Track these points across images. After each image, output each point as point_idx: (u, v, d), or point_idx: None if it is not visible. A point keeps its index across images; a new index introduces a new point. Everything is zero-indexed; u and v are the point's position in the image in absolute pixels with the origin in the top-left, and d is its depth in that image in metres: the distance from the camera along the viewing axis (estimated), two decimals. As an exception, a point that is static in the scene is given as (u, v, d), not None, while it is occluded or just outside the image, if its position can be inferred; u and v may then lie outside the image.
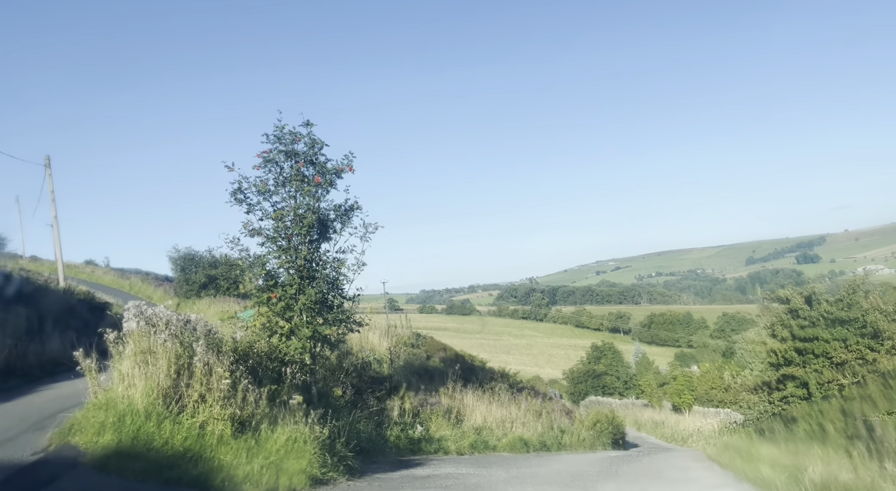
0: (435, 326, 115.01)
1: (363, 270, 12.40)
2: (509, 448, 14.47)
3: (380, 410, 12.80)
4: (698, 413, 38.23)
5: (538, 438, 15.96)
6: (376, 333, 22.33)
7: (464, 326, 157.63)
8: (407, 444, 12.19)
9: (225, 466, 6.87)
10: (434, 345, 24.19)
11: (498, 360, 59.25)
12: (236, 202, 11.86)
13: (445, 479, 8.67)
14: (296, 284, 11.52)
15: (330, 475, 7.59)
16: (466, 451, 13.32)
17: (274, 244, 11.80)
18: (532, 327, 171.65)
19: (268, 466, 7.07)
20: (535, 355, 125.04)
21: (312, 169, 11.99)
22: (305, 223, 11.60)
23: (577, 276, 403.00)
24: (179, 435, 7.13)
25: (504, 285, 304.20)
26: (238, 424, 7.52)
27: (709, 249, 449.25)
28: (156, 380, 7.54)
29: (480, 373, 21.73)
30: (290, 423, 7.83)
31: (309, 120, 11.88)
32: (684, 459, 12.39)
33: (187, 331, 8.63)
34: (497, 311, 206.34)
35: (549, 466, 11.32)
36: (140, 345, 7.83)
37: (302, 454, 7.45)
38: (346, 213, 12.35)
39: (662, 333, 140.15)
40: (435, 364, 20.27)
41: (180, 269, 39.71)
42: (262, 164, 11.82)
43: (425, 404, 15.05)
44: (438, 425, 14.06)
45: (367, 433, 10.91)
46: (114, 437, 7.00)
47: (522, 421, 16.49)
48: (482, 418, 15.70)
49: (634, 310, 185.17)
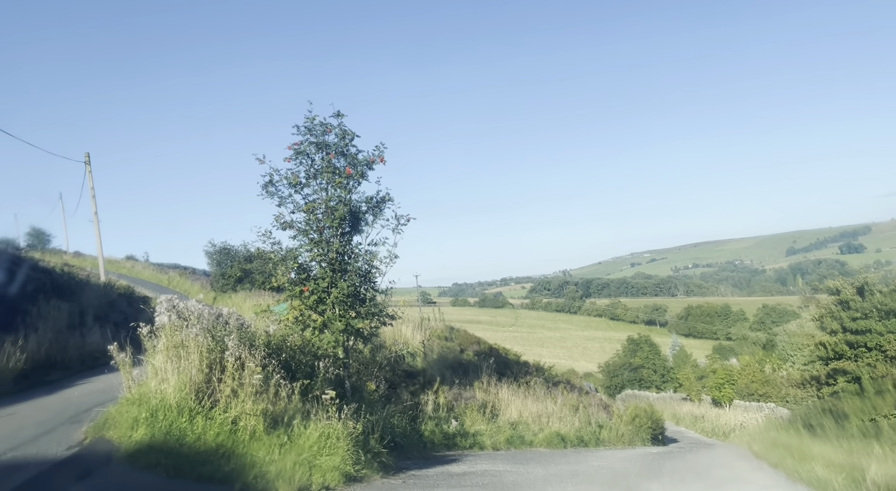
0: (467, 319, 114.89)
1: (395, 263, 12.23)
2: (546, 444, 14.16)
3: (414, 404, 12.62)
4: (739, 407, 37.22)
5: (575, 433, 15.60)
6: (409, 327, 22.20)
7: (496, 319, 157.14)
8: (441, 439, 11.99)
9: (257, 463, 6.74)
10: (468, 338, 23.95)
11: (531, 353, 58.81)
12: (268, 195, 11.77)
13: (482, 476, 8.42)
14: (328, 278, 11.39)
15: (364, 472, 7.41)
16: (502, 446, 13.06)
17: (306, 237, 11.68)
18: (566, 320, 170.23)
19: (300, 462, 6.92)
20: (570, 348, 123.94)
21: (343, 160, 11.83)
22: (337, 215, 11.44)
23: (611, 268, 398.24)
24: (212, 430, 7.03)
25: (537, 278, 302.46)
26: (270, 419, 7.39)
27: (747, 240, 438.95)
28: (188, 375, 7.45)
29: (515, 367, 21.42)
30: (322, 418, 7.67)
31: (339, 111, 11.71)
32: (729, 456, 11.93)
33: (219, 325, 8.54)
34: (530, 303, 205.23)
35: (589, 463, 10.98)
36: (172, 339, 7.76)
37: (335, 451, 7.28)
38: (377, 205, 12.16)
39: (700, 325, 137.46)
40: (469, 357, 20.03)
41: (216, 263, 40.27)
42: (293, 156, 11.70)
43: (460, 399, 14.82)
44: (473, 420, 13.83)
45: (401, 428, 10.73)
46: (147, 432, 6.93)
47: (559, 416, 16.14)
48: (518, 413, 15.41)
49: (670, 302, 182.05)
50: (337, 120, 11.74)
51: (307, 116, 11.62)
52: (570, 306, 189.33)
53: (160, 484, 6.16)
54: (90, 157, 30.45)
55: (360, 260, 11.90)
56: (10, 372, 11.95)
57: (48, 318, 16.56)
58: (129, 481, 6.14)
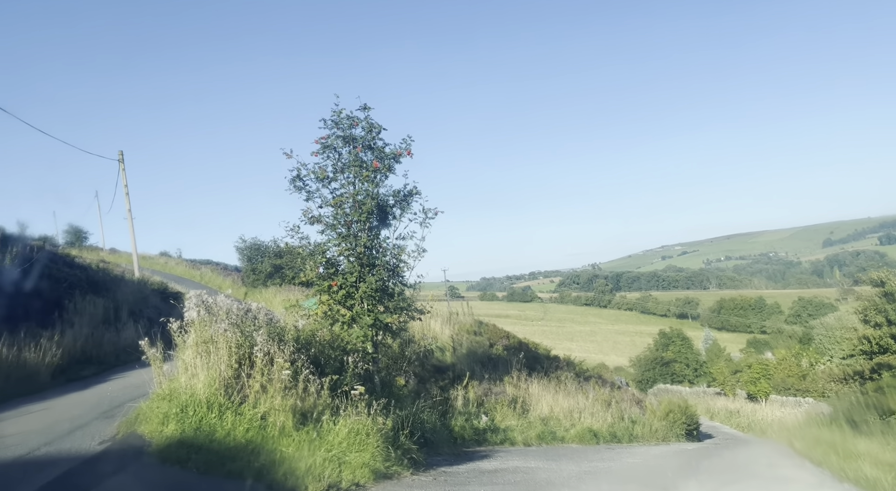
0: (496, 313, 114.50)
1: (423, 257, 12.13)
2: (578, 439, 13.94)
3: (443, 399, 12.52)
4: (776, 402, 36.38)
5: (608, 428, 15.34)
6: (438, 321, 22.11)
7: (525, 313, 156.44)
8: (472, 434, 11.87)
9: (286, 459, 6.68)
10: (497, 332, 23.77)
11: (561, 347, 58.32)
12: (295, 190, 11.76)
13: (514, 473, 8.26)
14: (356, 272, 11.33)
15: (394, 469, 7.32)
16: (533, 442, 12.89)
17: (333, 231, 11.65)
18: (595, 314, 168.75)
19: (330, 459, 6.84)
20: (600, 342, 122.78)
21: (370, 154, 11.74)
22: (364, 210, 11.37)
23: (641, 261, 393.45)
24: (241, 426, 6.99)
25: (566, 272, 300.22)
26: (299, 415, 7.34)
27: (782, 232, 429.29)
28: (217, 370, 7.44)
29: (545, 361, 21.20)
30: (351, 414, 7.59)
31: (366, 103, 11.63)
32: (769, 453, 11.56)
33: (248, 320, 8.51)
34: (559, 297, 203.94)
35: (622, 459, 10.75)
36: (201, 335, 7.74)
37: (365, 447, 7.20)
38: (405, 199, 12.06)
39: (733, 318, 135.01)
40: (498, 352, 19.87)
41: (247, 259, 40.75)
42: (321, 151, 11.66)
43: (489, 394, 14.68)
44: (504, 415, 13.68)
45: (430, 424, 10.62)
46: (177, 428, 6.93)
47: (591, 411, 15.89)
48: (549, 408, 15.22)
49: (703, 295, 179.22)
50: (364, 113, 11.67)
51: (334, 110, 11.57)
52: (600, 300, 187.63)
53: (190, 480, 6.14)
54: (123, 155, 30.90)
55: (387, 254, 11.83)
56: (46, 367, 12.15)
57: (84, 313, 16.85)
58: (160, 477, 6.13)
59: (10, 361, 11.31)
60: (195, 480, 6.13)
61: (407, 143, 11.91)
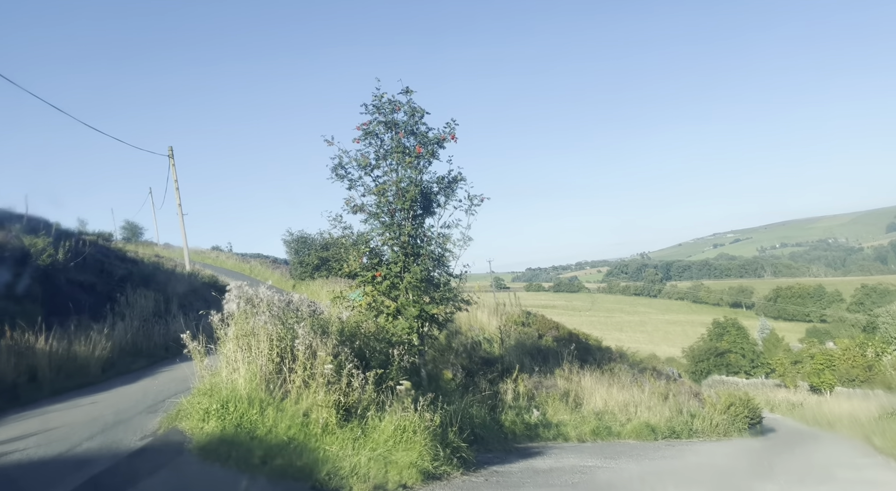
0: (542, 304, 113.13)
1: (469, 246, 11.65)
2: (635, 435, 13.29)
3: (492, 393, 12.05)
4: (841, 394, 34.62)
5: (666, 423, 14.63)
6: (485, 312, 21.63)
7: (572, 304, 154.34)
8: (523, 429, 11.39)
9: (330, 458, 6.34)
10: (545, 323, 23.15)
11: (610, 337, 57.01)
12: (337, 178, 11.44)
13: (570, 473, 7.75)
14: (400, 262, 10.96)
15: (443, 469, 6.89)
16: (588, 437, 12.32)
17: (377, 220, 11.29)
18: (645, 304, 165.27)
19: (375, 458, 6.47)
20: (650, 333, 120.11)
21: (413, 139, 11.32)
22: (408, 197, 10.96)
23: (692, 249, 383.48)
24: (283, 423, 6.69)
25: (614, 261, 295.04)
26: (343, 411, 6.99)
27: (841, 217, 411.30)
28: (258, 364, 7.16)
29: (597, 353, 20.50)
30: (397, 410, 7.20)
31: (408, 87, 11.20)
32: (847, 451, 10.72)
33: (290, 312, 8.22)
34: (607, 287, 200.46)
35: (686, 458, 10.10)
36: (241, 328, 7.48)
37: (412, 445, 6.80)
38: (449, 186, 11.60)
39: (790, 307, 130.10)
40: (548, 343, 19.27)
41: (294, 251, 41.04)
42: (362, 137, 11.30)
43: (540, 387, 14.16)
44: (556, 410, 13.15)
45: (480, 419, 10.20)
46: (218, 424, 6.68)
47: (647, 405, 15.19)
48: (602, 402, 14.60)
49: (757, 283, 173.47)
50: (406, 97, 11.24)
51: (375, 94, 11.18)
52: (650, 290, 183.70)
53: (230, 479, 5.85)
54: (173, 151, 31.39)
55: (432, 243, 11.40)
56: (96, 360, 12.20)
57: (135, 306, 17.04)
58: (200, 475, 5.87)
59: (60, 355, 11.38)
60: (235, 479, 5.84)
61: (451, 128, 11.44)
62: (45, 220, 18.58)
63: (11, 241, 14.61)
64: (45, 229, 16.76)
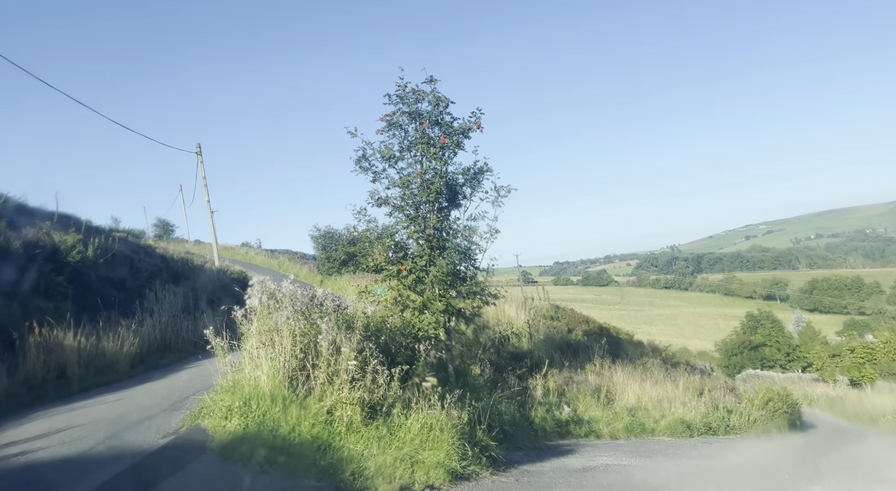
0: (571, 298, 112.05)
1: (496, 238, 11.34)
2: (669, 432, 12.87)
3: (522, 389, 11.76)
4: (884, 389, 33.44)
5: (701, 419, 14.14)
6: (513, 306, 21.32)
7: (601, 297, 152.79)
8: (554, 426, 11.07)
9: (354, 457, 6.13)
10: (575, 317, 22.73)
11: (640, 331, 56.07)
12: (361, 170, 11.22)
13: (604, 473, 7.43)
14: (426, 255, 10.71)
15: (471, 469, 6.63)
16: (621, 434, 11.95)
17: (401, 213, 11.04)
18: (676, 297, 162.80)
19: (401, 457, 6.24)
20: (681, 326, 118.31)
21: (438, 130, 11.04)
22: (433, 189, 10.70)
23: (723, 241, 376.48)
24: (306, 421, 6.50)
25: (643, 254, 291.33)
26: (368, 409, 6.77)
27: (880, 206, 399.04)
28: (281, 361, 6.98)
29: (628, 347, 20.04)
30: (423, 407, 6.95)
31: (432, 76, 10.91)
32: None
33: (314, 307, 8.04)
34: (637, 281, 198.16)
35: (725, 456, 9.69)
36: (264, 323, 7.31)
37: (439, 444, 6.55)
38: (475, 177, 11.30)
39: (827, 299, 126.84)
40: (578, 338, 18.88)
41: (321, 247, 41.23)
42: (386, 128, 11.06)
43: (570, 382, 13.82)
44: (587, 406, 12.79)
45: (509, 415, 9.92)
46: (240, 422, 6.53)
47: (682, 400, 14.72)
48: (635, 398, 14.18)
49: (791, 275, 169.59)
50: (430, 86, 10.95)
51: (398, 84, 10.92)
52: (681, 282, 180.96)
53: (252, 479, 5.68)
54: (201, 148, 31.63)
55: (458, 236, 11.12)
56: (125, 356, 12.23)
57: (164, 302, 17.12)
58: (221, 476, 5.72)
59: (89, 351, 11.42)
60: (257, 480, 5.67)
61: (476, 117, 11.13)
62: (76, 218, 18.79)
63: (42, 237, 14.75)
64: (76, 226, 16.93)
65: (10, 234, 13.90)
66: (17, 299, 12.33)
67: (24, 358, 10.19)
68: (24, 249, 13.75)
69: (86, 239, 16.65)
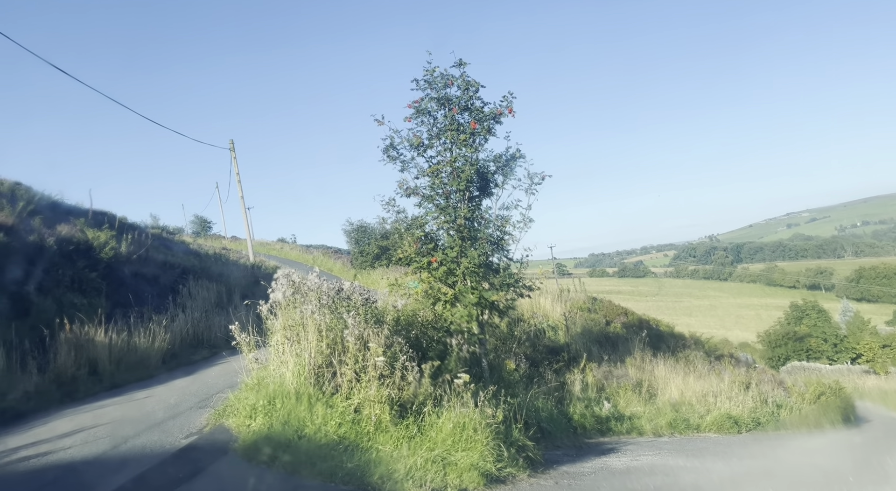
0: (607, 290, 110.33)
1: (530, 228, 10.87)
2: (716, 428, 12.25)
3: (559, 384, 11.29)
4: (940, 382, 31.90)
5: (749, 414, 13.47)
6: (548, 298, 20.78)
7: (638, 289, 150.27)
8: (593, 423, 10.58)
9: (383, 459, 5.79)
10: (613, 309, 22.09)
11: (679, 323, 54.72)
12: (389, 160, 10.86)
13: (650, 474, 6.95)
14: (456, 247, 10.29)
15: (507, 471, 6.22)
16: (664, 431, 11.40)
17: (431, 203, 10.64)
18: (715, 287, 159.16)
19: (433, 459, 5.87)
20: (721, 317, 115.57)
21: (468, 115, 10.61)
22: (463, 177, 10.26)
23: (764, 230, 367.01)
24: (333, 420, 6.18)
25: (680, 245, 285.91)
26: (397, 407, 6.42)
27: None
28: (306, 357, 6.67)
29: (669, 339, 19.35)
30: (456, 405, 6.57)
31: (461, 59, 10.47)
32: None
33: (341, 300, 7.72)
34: (674, 272, 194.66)
35: (778, 455, 9.09)
36: (289, 318, 7.02)
37: (472, 445, 6.17)
38: (507, 164, 10.82)
39: (875, 288, 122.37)
40: (616, 330, 18.28)
41: (354, 241, 41.22)
42: (414, 115, 10.66)
43: (610, 377, 13.29)
44: (628, 401, 12.27)
45: (546, 412, 9.48)
46: (264, 422, 6.25)
47: (728, 395, 14.05)
48: (678, 392, 13.59)
49: (837, 264, 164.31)
50: (459, 70, 10.52)
51: (426, 69, 10.50)
52: (720, 273, 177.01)
53: (276, 482, 5.39)
54: (234, 144, 31.82)
55: (490, 226, 10.68)
56: (156, 352, 12.16)
57: (197, 297, 17.13)
58: (243, 479, 5.43)
59: (120, 347, 11.34)
60: (281, 483, 5.38)
61: (508, 101, 10.65)
62: (111, 214, 18.96)
63: (76, 234, 14.83)
64: (110, 223, 17.03)
65: (44, 231, 13.99)
66: (50, 295, 12.38)
67: (56, 354, 10.16)
68: (59, 246, 13.82)
69: (119, 235, 16.72)
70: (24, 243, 12.98)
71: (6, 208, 14.04)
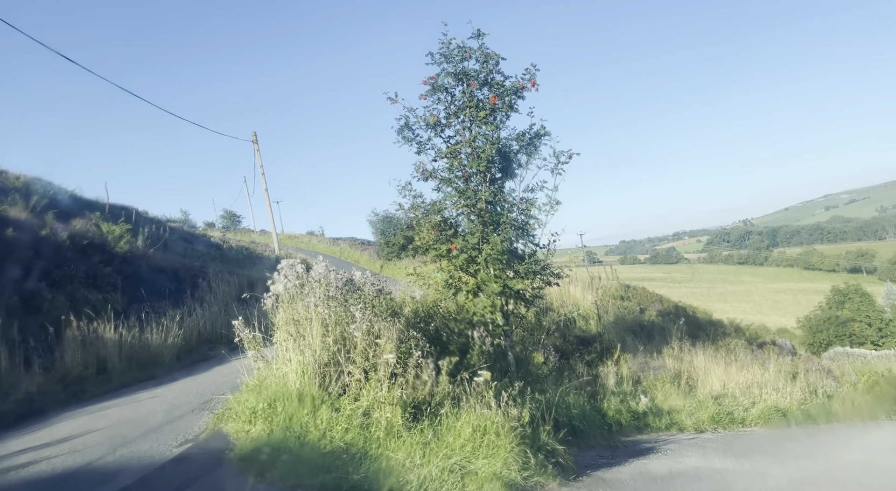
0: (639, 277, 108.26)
1: (557, 211, 10.06)
2: (762, 421, 11.38)
3: (592, 378, 10.54)
4: None
5: (798, 406, 12.56)
6: (578, 286, 19.95)
7: (671, 275, 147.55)
8: (629, 419, 9.83)
9: (395, 469, 5.14)
10: (647, 297, 21.16)
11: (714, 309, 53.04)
12: (404, 141, 10.16)
13: (697, 480, 6.19)
14: (478, 233, 9.57)
15: (535, 480, 5.51)
16: (706, 426, 10.58)
17: (450, 186, 9.92)
18: (750, 272, 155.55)
19: (450, 468, 5.21)
20: (757, 303, 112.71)
21: (487, 91, 9.84)
22: (483, 157, 9.51)
23: (800, 213, 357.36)
24: (339, 425, 5.56)
25: (714, 230, 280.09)
26: (411, 409, 5.77)
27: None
28: (310, 354, 6.06)
29: (708, 327, 18.37)
30: (475, 406, 5.89)
31: (479, 30, 9.68)
32: None
33: (350, 292, 7.09)
34: (708, 257, 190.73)
35: (836, 453, 8.23)
36: (291, 312, 6.41)
37: (494, 451, 5.49)
38: (531, 142, 10.02)
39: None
40: (651, 318, 17.40)
41: (380, 232, 40.84)
42: (430, 92, 9.93)
43: (646, 368, 12.49)
44: (666, 394, 11.47)
45: (578, 408, 8.76)
46: (264, 427, 5.66)
47: (774, 385, 13.13)
48: (720, 384, 12.71)
49: (879, 246, 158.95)
50: (477, 42, 9.74)
51: (441, 41, 9.76)
52: (755, 257, 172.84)
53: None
54: (257, 136, 31.50)
55: (514, 210, 9.90)
56: (169, 348, 11.75)
57: (217, 291, 16.74)
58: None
59: (131, 344, 10.94)
60: (278, 499, 4.77)
61: (531, 74, 9.83)
62: (129, 208, 18.69)
63: (90, 228, 14.54)
64: (126, 217, 16.73)
65: (57, 225, 13.68)
66: (63, 291, 12.04)
67: (62, 353, 9.79)
68: (72, 241, 13.50)
69: (136, 229, 16.41)
70: (35, 238, 12.68)
71: (19, 203, 13.78)
